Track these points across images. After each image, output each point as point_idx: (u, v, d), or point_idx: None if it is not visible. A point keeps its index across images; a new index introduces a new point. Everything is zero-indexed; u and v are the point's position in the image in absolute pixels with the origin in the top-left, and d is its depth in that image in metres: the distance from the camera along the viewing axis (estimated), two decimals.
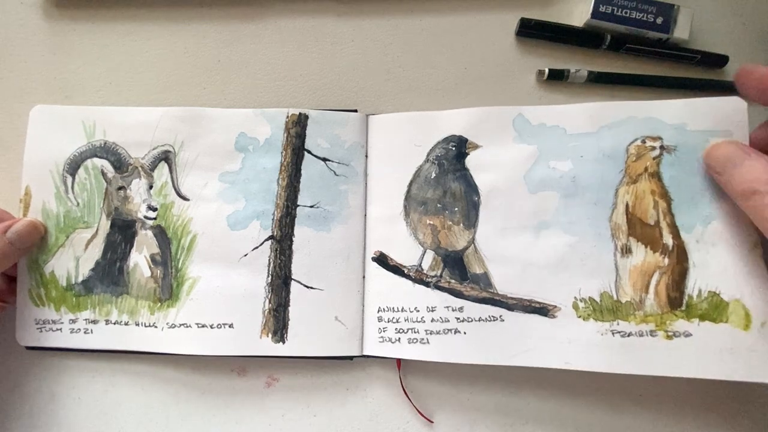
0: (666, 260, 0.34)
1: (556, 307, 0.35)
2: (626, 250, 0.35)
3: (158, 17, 0.42)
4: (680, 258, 0.34)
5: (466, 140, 0.37)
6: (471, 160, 0.37)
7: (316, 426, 0.38)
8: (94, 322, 0.38)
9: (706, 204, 0.34)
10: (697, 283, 0.34)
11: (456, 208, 0.37)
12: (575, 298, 0.35)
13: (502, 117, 0.37)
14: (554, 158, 0.36)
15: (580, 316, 0.35)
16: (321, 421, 0.38)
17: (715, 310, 0.33)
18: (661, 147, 0.35)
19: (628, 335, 0.34)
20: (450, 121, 0.38)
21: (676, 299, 0.34)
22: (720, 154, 0.33)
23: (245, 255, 0.38)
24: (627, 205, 0.35)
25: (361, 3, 0.42)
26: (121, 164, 0.38)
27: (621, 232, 0.35)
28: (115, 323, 0.38)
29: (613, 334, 0.34)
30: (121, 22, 0.42)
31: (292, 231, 0.38)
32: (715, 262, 0.34)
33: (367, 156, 0.39)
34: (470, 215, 0.37)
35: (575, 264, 0.35)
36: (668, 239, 0.34)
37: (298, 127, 0.39)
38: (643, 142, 0.35)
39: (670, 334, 0.34)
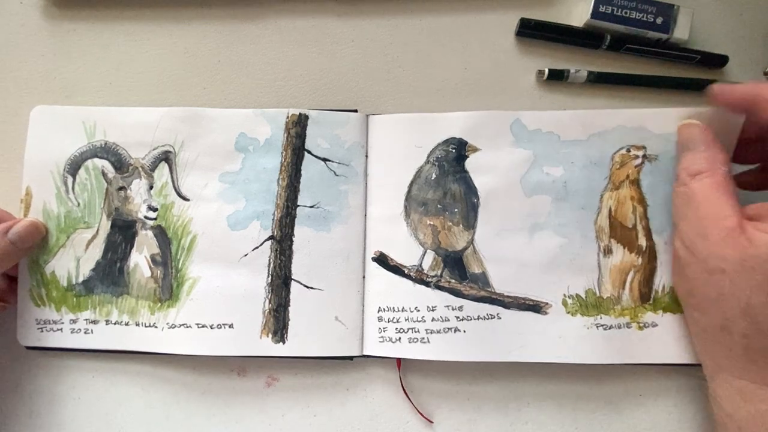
0: (640, 260, 0.37)
1: (547, 304, 0.37)
2: (608, 251, 0.37)
3: (158, 17, 0.42)
4: (651, 258, 0.37)
5: (466, 143, 0.38)
6: (470, 163, 0.38)
7: (316, 426, 0.38)
8: (95, 322, 0.38)
9: None
10: (662, 280, 0.37)
11: (456, 209, 0.37)
12: (564, 295, 0.37)
13: (501, 121, 0.38)
14: (548, 163, 0.38)
15: (568, 312, 0.37)
16: (321, 421, 0.38)
17: (674, 302, 0.36)
18: (644, 156, 0.37)
19: (609, 328, 0.36)
20: (450, 123, 0.38)
21: (645, 294, 0.37)
22: (683, 134, 0.35)
23: (245, 255, 0.38)
24: (610, 210, 0.37)
25: (361, 3, 0.42)
26: (121, 164, 0.38)
27: (604, 234, 0.37)
28: (115, 323, 0.38)
29: (597, 327, 0.36)
30: (121, 22, 0.42)
31: (292, 231, 0.38)
32: None
33: (367, 156, 0.39)
34: (469, 216, 0.37)
35: (565, 263, 0.37)
36: (643, 241, 0.37)
37: (298, 127, 0.39)
38: (628, 150, 0.37)
39: (641, 325, 0.36)
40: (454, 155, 0.38)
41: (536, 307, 0.37)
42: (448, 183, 0.37)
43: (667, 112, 0.37)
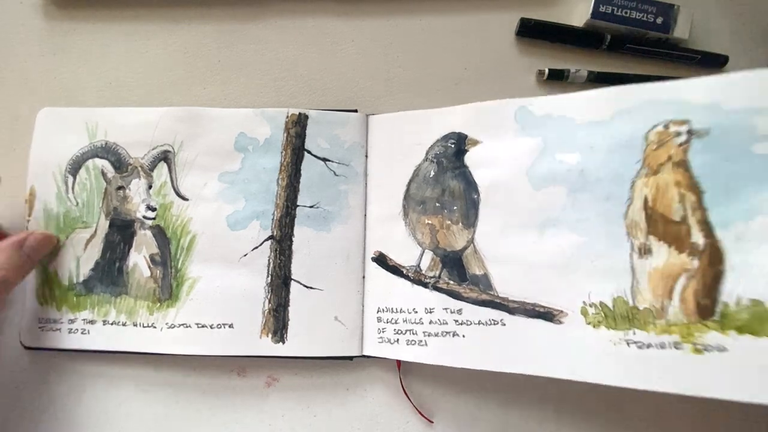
0: (695, 262, 0.30)
1: (562, 312, 0.33)
2: (645, 251, 0.31)
3: (158, 17, 0.42)
4: (713, 259, 0.29)
5: (466, 137, 0.37)
6: (471, 157, 0.36)
7: (316, 426, 0.38)
8: (92, 322, 0.38)
9: (748, 195, 0.29)
10: (735, 289, 0.28)
11: (455, 207, 0.36)
12: (584, 302, 0.32)
13: (503, 110, 0.36)
14: (561, 150, 0.33)
15: (589, 323, 0.32)
16: (321, 421, 0.38)
17: (757, 321, 0.28)
18: (689, 132, 0.30)
19: (647, 347, 0.30)
20: (449, 117, 0.37)
21: (706, 307, 0.29)
22: None
23: (245, 255, 0.38)
24: (646, 200, 0.31)
25: (361, 3, 0.42)
26: (120, 164, 0.38)
27: (639, 230, 0.31)
28: (112, 324, 0.37)
29: (628, 344, 0.30)
30: (121, 22, 0.42)
31: (292, 231, 0.38)
32: (761, 264, 0.28)
33: (366, 156, 0.39)
34: (469, 214, 0.36)
35: (584, 266, 0.32)
36: (698, 238, 0.29)
37: (297, 127, 0.39)
38: (666, 127, 0.31)
39: (699, 347, 0.29)
40: (453, 150, 0.37)
41: (547, 315, 0.33)
42: (446, 180, 0.37)
43: (707, 79, 0.30)
